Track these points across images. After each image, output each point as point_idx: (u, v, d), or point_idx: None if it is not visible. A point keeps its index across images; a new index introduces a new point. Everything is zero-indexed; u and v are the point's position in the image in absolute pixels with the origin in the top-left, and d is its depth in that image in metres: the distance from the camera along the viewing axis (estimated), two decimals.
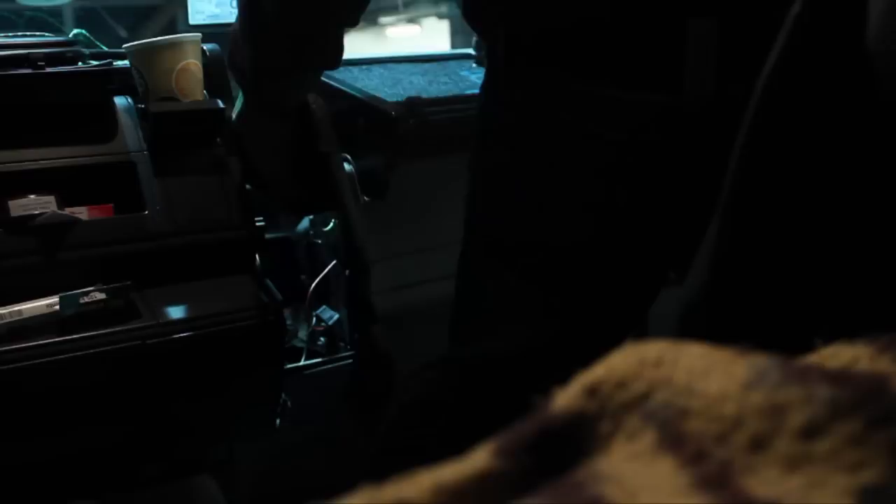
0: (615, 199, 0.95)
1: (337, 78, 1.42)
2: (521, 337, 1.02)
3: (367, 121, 1.37)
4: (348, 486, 0.27)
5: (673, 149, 0.91)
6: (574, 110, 0.93)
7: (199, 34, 1.16)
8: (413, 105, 1.34)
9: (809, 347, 0.30)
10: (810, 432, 0.24)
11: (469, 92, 1.44)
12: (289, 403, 1.19)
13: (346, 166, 1.21)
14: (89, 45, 1.24)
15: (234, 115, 1.15)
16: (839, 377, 0.25)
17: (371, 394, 1.17)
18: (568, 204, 0.96)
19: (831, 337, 0.30)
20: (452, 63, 1.63)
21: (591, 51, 0.91)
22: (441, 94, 1.44)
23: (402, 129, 1.32)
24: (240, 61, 1.06)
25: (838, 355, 0.29)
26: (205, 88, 1.15)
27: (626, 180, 0.93)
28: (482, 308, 1.08)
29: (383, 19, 6.56)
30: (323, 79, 1.25)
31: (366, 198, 1.27)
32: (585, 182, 0.95)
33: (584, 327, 1.01)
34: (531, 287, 1.00)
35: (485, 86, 1.07)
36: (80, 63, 1.15)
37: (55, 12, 1.52)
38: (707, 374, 0.27)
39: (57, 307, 0.97)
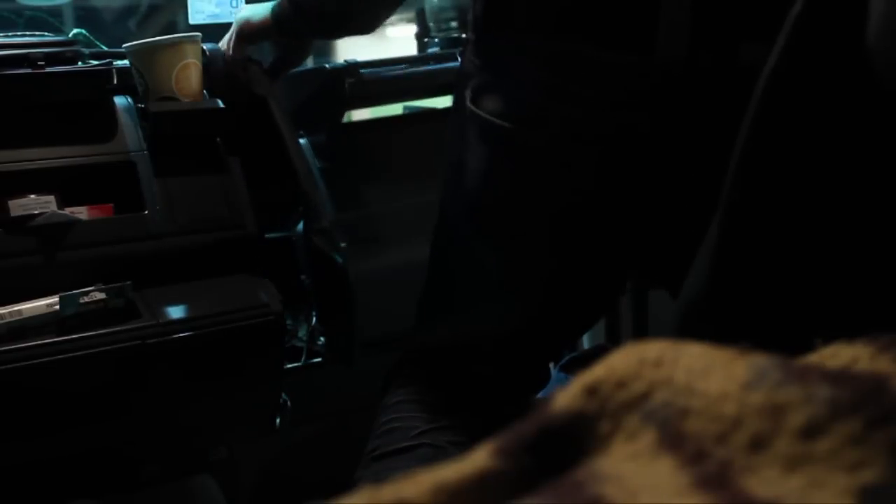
0: (588, 164, 0.94)
1: None
2: (502, 319, 1.02)
3: (310, 89, 1.45)
4: (348, 485, 0.27)
5: (642, 111, 0.91)
6: (550, 69, 0.93)
7: (199, 34, 1.16)
8: (350, 66, 1.44)
9: (809, 347, 0.30)
10: (810, 432, 0.24)
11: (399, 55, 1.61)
12: (289, 403, 1.19)
13: (301, 140, 1.29)
14: (89, 44, 1.24)
15: None
16: (839, 377, 0.25)
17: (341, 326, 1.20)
18: (544, 169, 0.95)
19: (831, 337, 0.30)
20: None
21: (568, 10, 0.91)
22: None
23: (342, 88, 1.42)
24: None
25: (838, 355, 0.29)
26: (205, 88, 1.15)
27: (598, 143, 0.93)
28: (460, 293, 1.07)
29: None
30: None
31: (318, 162, 1.35)
32: (561, 146, 0.94)
33: (562, 303, 1.01)
34: (512, 265, 1.00)
35: (462, 53, 1.07)
36: (79, 63, 1.15)
37: (55, 12, 1.52)
38: (707, 374, 0.27)
39: (57, 307, 0.97)
